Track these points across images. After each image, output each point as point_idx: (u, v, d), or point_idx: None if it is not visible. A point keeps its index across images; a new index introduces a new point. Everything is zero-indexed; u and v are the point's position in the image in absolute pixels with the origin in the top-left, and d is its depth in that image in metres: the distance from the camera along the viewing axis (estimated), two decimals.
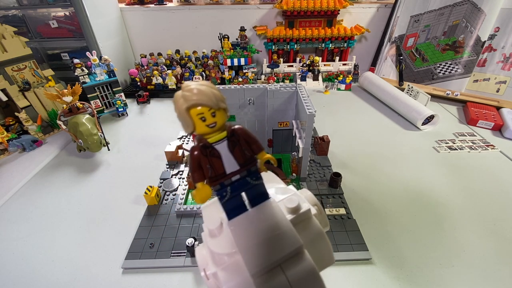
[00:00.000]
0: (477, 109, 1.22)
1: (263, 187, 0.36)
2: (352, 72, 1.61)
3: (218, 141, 0.34)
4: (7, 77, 1.07)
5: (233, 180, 0.35)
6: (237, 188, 0.35)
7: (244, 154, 0.34)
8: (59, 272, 0.62)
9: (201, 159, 0.34)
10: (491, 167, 0.91)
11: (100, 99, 1.25)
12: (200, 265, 0.37)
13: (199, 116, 0.31)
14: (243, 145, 0.34)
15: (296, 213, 0.35)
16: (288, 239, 0.32)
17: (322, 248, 0.35)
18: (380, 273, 0.60)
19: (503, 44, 1.27)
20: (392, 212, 0.75)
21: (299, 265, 0.31)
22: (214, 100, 0.31)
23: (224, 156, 0.34)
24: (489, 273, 0.60)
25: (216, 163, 0.34)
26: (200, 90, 0.31)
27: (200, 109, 0.31)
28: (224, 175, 0.34)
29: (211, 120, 0.32)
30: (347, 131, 1.13)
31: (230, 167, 0.34)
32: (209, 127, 0.32)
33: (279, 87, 0.82)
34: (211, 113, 0.32)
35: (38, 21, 1.36)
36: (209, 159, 0.34)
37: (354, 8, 1.57)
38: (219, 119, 0.32)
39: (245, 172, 0.35)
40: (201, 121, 0.32)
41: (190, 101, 0.31)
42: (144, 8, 1.59)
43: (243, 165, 0.34)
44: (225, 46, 1.46)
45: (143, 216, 0.74)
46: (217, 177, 0.34)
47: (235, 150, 0.34)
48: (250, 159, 0.35)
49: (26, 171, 0.95)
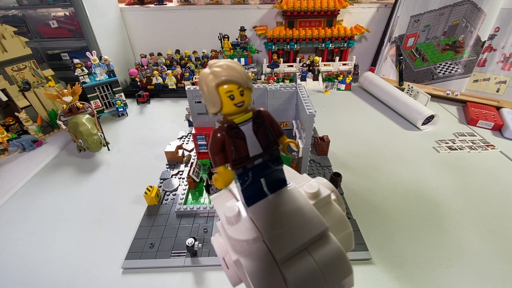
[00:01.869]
0: (477, 109, 1.22)
1: (282, 173, 0.36)
2: (352, 72, 1.61)
3: (244, 122, 0.33)
4: (7, 77, 1.07)
5: (256, 164, 0.34)
6: (258, 173, 0.34)
7: (268, 137, 0.34)
8: (59, 272, 0.62)
9: (226, 141, 0.33)
10: (491, 167, 0.91)
11: (100, 99, 1.25)
12: (219, 254, 0.36)
13: (228, 94, 0.30)
14: (268, 128, 0.34)
15: (317, 198, 0.35)
16: (313, 223, 0.32)
17: (344, 232, 0.35)
18: (380, 273, 0.60)
19: (503, 44, 1.28)
20: (392, 212, 0.75)
21: (326, 248, 0.31)
22: (244, 78, 0.31)
23: (249, 138, 0.33)
24: (489, 273, 0.60)
25: (241, 145, 0.33)
26: (230, 67, 0.30)
27: (230, 87, 0.30)
28: (247, 158, 0.33)
29: (239, 98, 0.31)
30: (347, 131, 1.13)
31: (253, 150, 0.33)
32: (237, 106, 0.31)
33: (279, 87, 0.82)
34: (239, 92, 0.31)
35: (38, 21, 1.35)
36: (234, 140, 0.32)
37: (354, 8, 1.57)
38: (246, 98, 0.31)
39: (267, 156, 0.34)
40: (230, 99, 0.30)
41: (221, 77, 0.30)
42: (144, 8, 1.59)
43: (266, 148, 0.34)
44: (225, 46, 1.46)
45: (143, 216, 0.74)
46: (240, 159, 0.33)
47: (259, 132, 0.33)
48: (273, 143, 0.34)
49: (26, 171, 0.95)
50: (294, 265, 0.30)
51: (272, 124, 0.34)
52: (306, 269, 0.30)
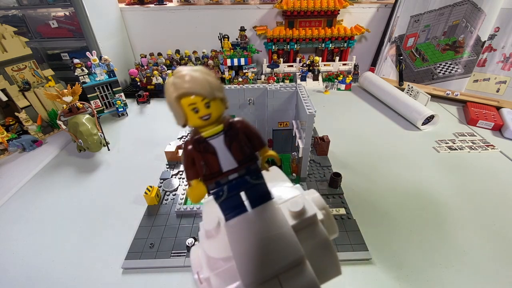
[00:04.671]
0: (477, 109, 1.22)
1: (264, 186, 0.33)
2: (352, 72, 1.61)
3: (214, 135, 0.30)
4: (7, 77, 1.07)
5: (230, 178, 0.31)
6: (234, 188, 0.32)
7: (243, 150, 0.31)
8: (59, 272, 0.62)
9: (195, 155, 0.30)
10: (491, 167, 0.91)
11: (100, 99, 1.25)
12: (194, 268, 0.33)
13: (191, 107, 0.28)
14: (242, 140, 0.31)
15: (301, 218, 0.32)
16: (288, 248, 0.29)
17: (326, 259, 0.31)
18: (380, 273, 0.60)
19: (503, 44, 1.27)
20: (392, 212, 0.75)
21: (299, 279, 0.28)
22: (208, 89, 0.27)
23: (220, 152, 0.30)
24: (489, 273, 0.60)
25: (211, 159, 0.30)
26: (192, 77, 0.27)
27: (193, 99, 0.27)
28: (220, 173, 0.31)
29: (204, 111, 0.28)
30: (347, 131, 1.13)
31: (226, 164, 0.31)
32: (202, 119, 0.29)
33: (279, 87, 0.82)
34: (204, 104, 0.28)
35: (38, 21, 1.35)
36: (203, 155, 0.30)
37: (354, 8, 1.57)
38: (214, 110, 0.29)
39: (244, 171, 0.31)
40: (194, 112, 0.28)
41: (181, 89, 0.27)
42: (144, 8, 1.59)
43: (241, 162, 0.31)
44: (225, 46, 1.46)
45: (143, 216, 0.74)
46: (212, 175, 0.31)
47: (232, 145, 0.30)
48: (249, 156, 0.31)
49: (26, 171, 0.95)
50: None
51: (250, 136, 0.31)
52: None
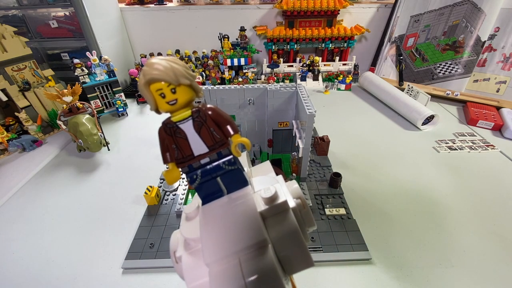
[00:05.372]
0: (477, 109, 1.22)
1: (239, 172, 0.34)
2: (352, 72, 1.61)
3: (182, 120, 0.32)
4: (7, 77, 1.07)
5: (203, 163, 0.33)
6: (208, 173, 0.33)
7: (213, 136, 0.32)
8: (59, 272, 0.62)
9: (167, 139, 0.33)
10: (491, 167, 0.91)
11: (100, 99, 1.25)
12: (171, 248, 0.35)
13: (158, 92, 0.30)
14: (211, 126, 0.32)
15: (271, 204, 0.32)
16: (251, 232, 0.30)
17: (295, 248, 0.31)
18: (380, 273, 0.60)
19: (503, 44, 1.27)
20: (392, 212, 0.75)
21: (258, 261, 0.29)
22: (171, 75, 0.29)
23: (191, 136, 0.32)
24: (489, 273, 0.60)
25: (182, 143, 0.32)
26: (158, 65, 0.29)
27: (158, 85, 0.30)
28: (192, 157, 0.32)
29: (171, 96, 0.30)
30: (347, 131, 1.13)
31: (197, 149, 0.32)
32: (169, 104, 0.31)
33: (279, 87, 0.82)
34: (170, 89, 0.30)
35: (38, 21, 1.35)
36: (175, 139, 0.32)
37: (354, 8, 1.57)
38: (180, 96, 0.31)
39: (215, 155, 0.33)
40: (161, 97, 0.30)
41: (148, 75, 0.29)
42: (144, 8, 1.59)
43: (212, 147, 0.32)
44: (225, 46, 1.46)
45: (143, 216, 0.74)
46: (184, 158, 0.32)
47: (202, 130, 0.32)
48: (220, 142, 0.32)
49: (26, 171, 0.95)
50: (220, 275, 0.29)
51: (220, 123, 0.32)
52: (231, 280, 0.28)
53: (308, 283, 0.58)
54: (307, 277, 0.59)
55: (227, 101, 0.84)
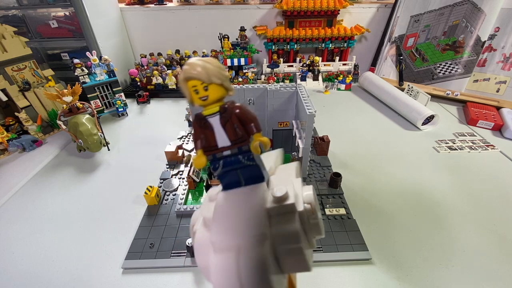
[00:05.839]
0: (477, 109, 1.22)
1: (256, 168, 0.37)
2: (352, 72, 1.61)
3: (211, 115, 0.36)
4: (7, 77, 1.07)
5: (225, 154, 0.36)
6: (229, 164, 0.36)
7: (236, 132, 0.35)
8: (59, 272, 0.62)
9: (197, 129, 0.36)
10: (491, 167, 0.91)
11: (100, 99, 1.25)
12: (191, 223, 0.39)
13: (193, 89, 0.34)
14: (235, 123, 0.35)
15: (279, 203, 0.34)
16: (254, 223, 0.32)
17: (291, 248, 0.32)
18: (380, 273, 0.60)
19: (503, 44, 1.27)
20: (392, 212, 0.75)
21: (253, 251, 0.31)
22: (205, 74, 0.33)
23: (217, 130, 0.36)
24: (489, 273, 0.60)
25: (209, 135, 0.36)
26: (195, 64, 0.33)
27: (193, 82, 0.34)
28: (216, 148, 0.36)
29: (203, 93, 0.34)
30: (347, 131, 1.13)
31: (221, 141, 0.36)
32: (201, 99, 0.35)
33: (279, 87, 0.82)
34: (203, 87, 0.34)
35: (38, 21, 1.35)
36: (203, 130, 0.36)
37: (354, 8, 1.57)
38: (211, 93, 0.34)
39: (236, 150, 0.36)
40: (195, 93, 0.34)
41: (186, 73, 0.34)
42: (144, 8, 1.59)
43: (234, 142, 0.36)
44: (225, 46, 1.46)
45: (143, 216, 0.74)
46: (209, 148, 0.36)
47: (227, 125, 0.35)
48: (241, 138, 0.36)
49: (26, 171, 0.95)
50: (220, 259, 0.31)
51: (244, 121, 0.36)
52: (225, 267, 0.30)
53: (308, 283, 0.58)
54: (307, 277, 0.59)
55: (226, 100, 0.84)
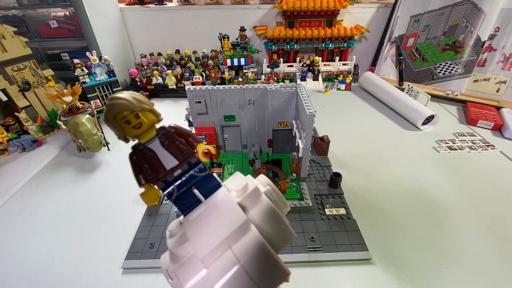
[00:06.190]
0: (477, 109, 1.22)
1: (211, 177, 0.37)
2: (352, 72, 1.61)
3: (150, 140, 0.35)
4: (7, 77, 1.07)
5: (176, 175, 0.35)
6: (183, 184, 0.36)
7: (180, 148, 0.35)
8: (59, 272, 0.62)
9: (138, 161, 0.35)
10: (491, 167, 0.91)
11: (100, 99, 1.24)
12: (163, 267, 0.36)
13: (124, 120, 0.33)
14: (176, 140, 0.35)
15: (245, 193, 0.35)
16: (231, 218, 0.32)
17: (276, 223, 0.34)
18: (380, 273, 0.60)
19: (503, 44, 1.27)
20: (392, 212, 0.75)
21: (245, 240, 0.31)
22: (134, 102, 0.33)
23: (160, 153, 0.35)
24: (489, 273, 0.60)
25: (154, 161, 0.35)
26: (119, 98, 0.33)
27: (122, 114, 0.33)
28: (165, 172, 0.35)
29: (135, 121, 0.33)
30: (347, 131, 1.13)
31: (168, 163, 0.35)
32: (135, 128, 0.34)
33: (279, 87, 0.82)
34: (134, 115, 0.33)
35: (38, 21, 1.35)
36: (146, 159, 0.35)
37: (354, 8, 1.57)
38: (143, 119, 0.34)
39: (186, 166, 0.36)
40: (127, 124, 0.33)
41: (112, 109, 0.33)
42: (144, 8, 1.59)
43: (181, 159, 0.35)
44: (225, 46, 1.46)
45: (143, 216, 0.74)
46: (158, 175, 0.35)
47: (169, 145, 0.35)
48: (187, 152, 0.36)
49: (26, 171, 0.95)
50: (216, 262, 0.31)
51: (183, 136, 0.36)
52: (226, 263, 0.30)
53: (308, 283, 0.58)
54: (307, 277, 0.59)
55: (227, 101, 0.84)
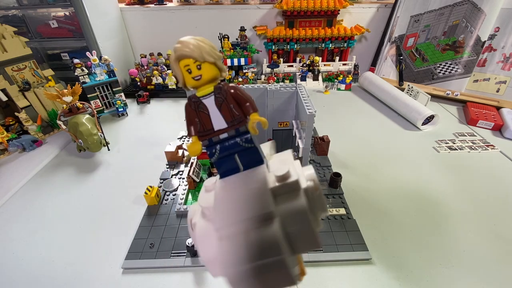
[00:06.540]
0: (477, 109, 1.22)
1: (256, 151, 0.35)
2: (352, 72, 1.61)
3: (205, 96, 0.34)
4: (7, 77, 1.07)
5: (222, 138, 0.34)
6: (226, 148, 0.35)
7: (232, 112, 0.34)
8: (59, 272, 0.62)
9: (191, 112, 0.35)
10: (491, 167, 0.91)
11: (100, 99, 1.25)
12: (189, 217, 0.36)
13: (186, 68, 0.33)
14: (231, 103, 0.34)
15: (283, 181, 0.33)
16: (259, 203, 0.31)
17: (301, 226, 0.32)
18: (380, 273, 0.60)
19: (503, 44, 1.27)
20: (392, 212, 0.75)
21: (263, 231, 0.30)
22: (198, 52, 0.32)
23: (212, 112, 0.34)
24: (489, 273, 0.60)
25: (204, 117, 0.34)
26: (187, 42, 0.32)
27: (186, 61, 0.32)
28: (212, 131, 0.34)
29: (196, 72, 0.33)
30: (347, 131, 1.13)
31: (217, 124, 0.34)
32: (194, 79, 0.33)
33: (279, 87, 0.82)
34: (196, 66, 0.32)
35: (38, 21, 1.35)
36: (198, 113, 0.34)
37: (354, 8, 1.57)
38: (204, 72, 0.33)
39: (233, 132, 0.34)
40: (188, 73, 0.33)
41: (177, 52, 0.33)
42: (144, 8, 1.59)
43: (230, 123, 0.34)
44: (225, 46, 1.46)
45: (143, 216, 0.74)
46: (205, 131, 0.34)
47: (222, 106, 0.34)
48: (238, 119, 0.34)
49: (26, 171, 0.95)
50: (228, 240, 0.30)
51: (239, 101, 0.34)
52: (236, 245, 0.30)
53: (308, 283, 0.58)
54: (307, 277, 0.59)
55: None
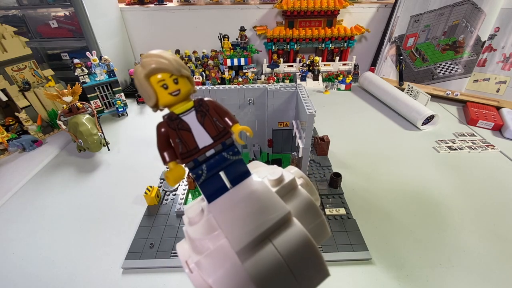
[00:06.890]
0: (477, 109, 1.22)
1: (242, 163, 0.33)
2: (352, 72, 1.61)
3: (185, 112, 0.31)
4: (7, 77, 1.07)
5: (208, 155, 0.32)
6: (213, 166, 0.32)
7: (217, 126, 0.32)
8: (59, 272, 0.62)
9: (170, 133, 0.31)
10: (491, 167, 0.91)
11: (100, 99, 1.25)
12: (182, 259, 0.32)
13: (160, 84, 0.29)
14: (214, 116, 0.32)
15: (280, 184, 0.32)
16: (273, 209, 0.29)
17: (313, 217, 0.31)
18: (380, 273, 0.60)
19: (503, 44, 1.27)
20: (392, 212, 0.75)
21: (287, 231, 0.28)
22: (175, 65, 0.29)
23: (194, 128, 0.31)
24: (489, 273, 0.60)
25: (186, 136, 0.31)
26: (160, 55, 0.29)
27: (161, 76, 0.29)
28: (197, 150, 0.31)
29: (174, 87, 0.29)
30: (347, 131, 1.13)
31: (202, 140, 0.31)
32: (172, 95, 0.30)
33: (279, 87, 0.82)
34: (173, 80, 0.29)
35: (38, 21, 1.35)
36: (178, 132, 0.31)
37: (354, 8, 1.57)
38: (182, 86, 0.30)
39: (220, 146, 0.32)
40: (163, 89, 0.29)
41: (149, 66, 0.28)
42: (144, 8, 1.59)
43: (216, 138, 0.32)
44: (225, 46, 1.46)
45: (143, 216, 0.74)
46: (189, 152, 0.31)
47: (205, 121, 0.31)
48: (223, 131, 0.32)
49: (26, 171, 0.95)
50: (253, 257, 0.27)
51: (220, 113, 0.32)
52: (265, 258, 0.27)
53: None
54: None
55: (227, 101, 0.84)
